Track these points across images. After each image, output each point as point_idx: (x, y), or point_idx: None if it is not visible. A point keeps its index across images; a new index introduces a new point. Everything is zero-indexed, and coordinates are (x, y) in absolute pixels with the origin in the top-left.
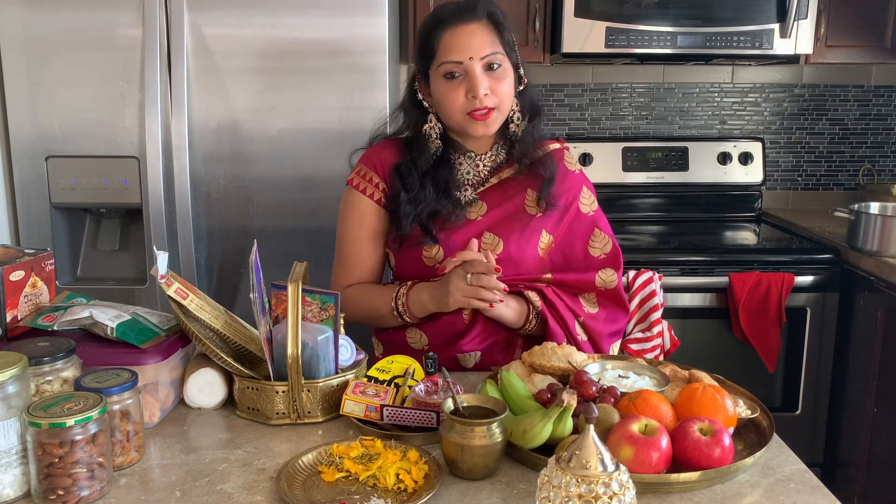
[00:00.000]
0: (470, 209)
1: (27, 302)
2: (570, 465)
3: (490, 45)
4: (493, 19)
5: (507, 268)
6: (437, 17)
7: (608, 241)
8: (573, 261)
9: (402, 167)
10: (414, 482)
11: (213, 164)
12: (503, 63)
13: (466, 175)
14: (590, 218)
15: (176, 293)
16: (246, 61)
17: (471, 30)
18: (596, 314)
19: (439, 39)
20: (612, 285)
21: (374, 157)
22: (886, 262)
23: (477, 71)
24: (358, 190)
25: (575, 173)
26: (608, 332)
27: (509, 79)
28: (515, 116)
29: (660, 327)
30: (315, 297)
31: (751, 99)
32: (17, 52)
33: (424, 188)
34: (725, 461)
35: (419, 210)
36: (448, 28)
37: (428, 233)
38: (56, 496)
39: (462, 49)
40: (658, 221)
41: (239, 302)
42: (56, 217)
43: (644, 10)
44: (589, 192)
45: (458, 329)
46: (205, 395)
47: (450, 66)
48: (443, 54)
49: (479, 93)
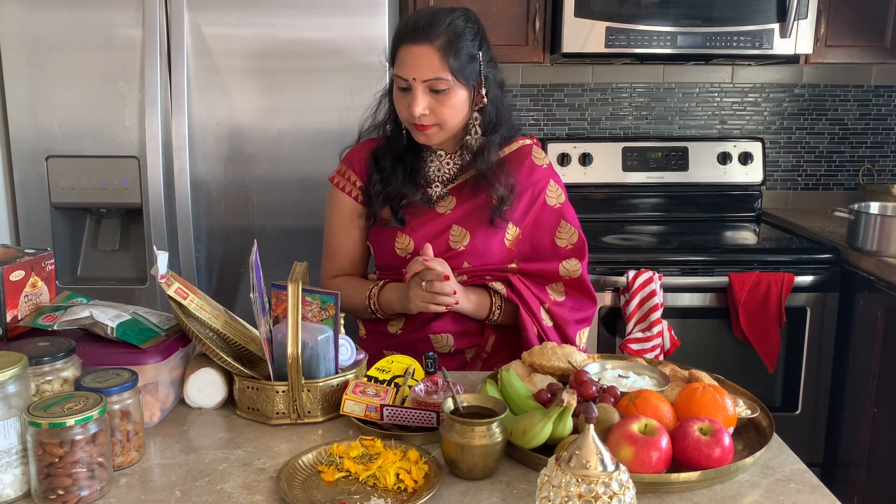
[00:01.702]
0: (440, 203)
1: (27, 302)
2: (570, 464)
3: (435, 70)
4: (446, 46)
5: (474, 259)
6: (401, 28)
7: (574, 232)
8: (541, 251)
9: (379, 151)
10: (414, 482)
11: (213, 164)
12: (449, 87)
13: (437, 172)
14: (556, 210)
15: (176, 293)
16: (246, 61)
17: (420, 52)
18: (562, 302)
19: (396, 51)
20: (576, 275)
21: (354, 157)
22: (886, 262)
23: (418, 91)
24: (338, 188)
25: (542, 168)
26: (574, 319)
27: (456, 100)
28: (473, 130)
29: (660, 327)
30: (315, 296)
31: (751, 99)
32: (17, 52)
33: (395, 171)
34: (725, 461)
35: (389, 190)
36: (403, 44)
37: (395, 215)
38: (56, 496)
39: (408, 68)
40: (658, 221)
41: (239, 302)
42: (56, 217)
43: (644, 10)
44: (556, 185)
45: (427, 316)
46: (205, 394)
47: (399, 80)
48: (396, 66)
49: (415, 111)
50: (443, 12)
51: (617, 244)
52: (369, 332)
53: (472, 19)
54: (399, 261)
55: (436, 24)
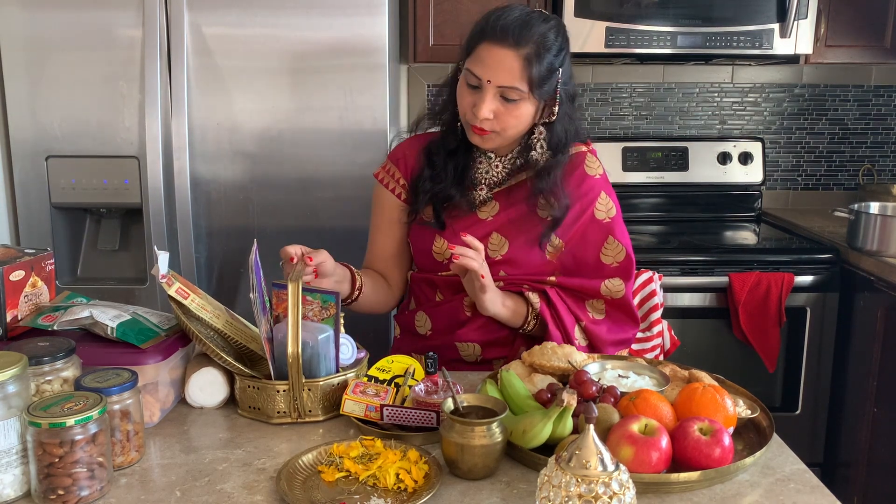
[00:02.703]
0: (482, 208)
1: (27, 302)
2: (570, 464)
3: (512, 79)
4: (532, 56)
5: (511, 269)
6: (488, 24)
7: (622, 250)
8: (584, 266)
9: (433, 146)
10: (414, 482)
11: (213, 164)
12: (521, 98)
13: (485, 174)
14: (605, 225)
15: (177, 293)
16: (246, 61)
17: (502, 55)
18: (600, 321)
19: (475, 46)
20: (619, 295)
21: (400, 153)
22: (886, 262)
23: (488, 94)
24: (382, 184)
25: (594, 178)
26: (611, 339)
27: (524, 111)
28: (539, 145)
29: (660, 327)
30: (316, 295)
31: (751, 99)
32: (17, 52)
33: (447, 168)
34: (725, 461)
35: (437, 189)
36: (486, 40)
37: (436, 216)
38: (56, 496)
39: (486, 68)
40: (658, 221)
41: (239, 301)
42: (56, 217)
43: (644, 10)
44: (607, 198)
45: (459, 319)
46: (206, 394)
47: (471, 76)
48: (472, 61)
49: (480, 114)
50: (536, 19)
51: None
52: (404, 331)
53: (562, 33)
54: (435, 264)
55: (527, 31)
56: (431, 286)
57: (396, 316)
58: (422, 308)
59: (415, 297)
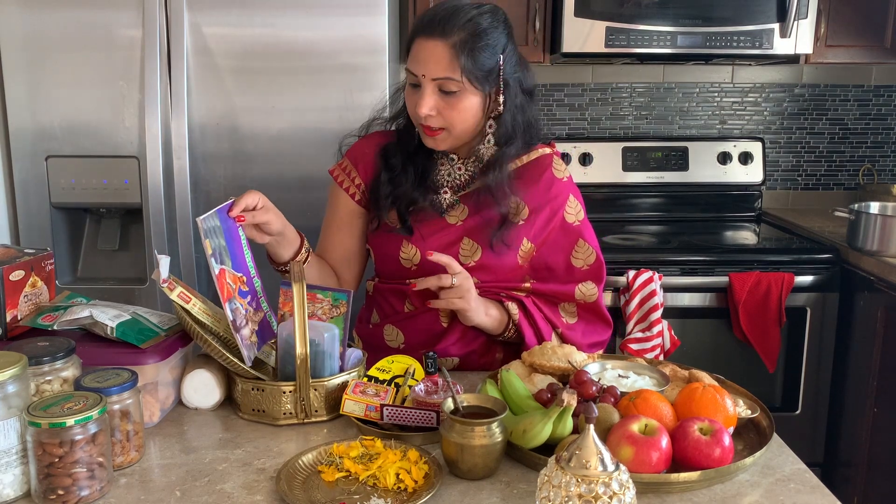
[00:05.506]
0: (450, 213)
1: (27, 302)
2: (570, 464)
3: (443, 70)
4: (461, 44)
5: (485, 275)
6: (418, 19)
7: (592, 253)
8: (555, 270)
9: (390, 147)
10: (414, 482)
11: (213, 164)
12: (460, 89)
13: (447, 177)
14: (575, 228)
15: (179, 297)
16: (246, 61)
17: (432, 47)
18: (574, 325)
19: (411, 44)
20: (592, 299)
21: (358, 152)
22: (886, 261)
23: (427, 90)
24: (337, 181)
25: (562, 181)
26: (586, 343)
27: (466, 104)
28: (487, 139)
29: (660, 327)
30: (326, 293)
31: (751, 99)
32: (17, 52)
33: (406, 171)
34: (725, 461)
35: (398, 193)
36: (418, 37)
37: (402, 221)
38: (56, 496)
39: (418, 63)
40: (658, 221)
41: None
42: (56, 217)
43: (644, 9)
44: (576, 201)
45: (435, 331)
46: (200, 395)
47: (410, 75)
48: (409, 60)
49: (421, 111)
50: (466, 7)
51: (617, 244)
52: (366, 344)
53: (499, 17)
54: (403, 271)
55: (454, 19)
56: (399, 296)
57: (357, 329)
58: (389, 321)
59: (378, 308)
